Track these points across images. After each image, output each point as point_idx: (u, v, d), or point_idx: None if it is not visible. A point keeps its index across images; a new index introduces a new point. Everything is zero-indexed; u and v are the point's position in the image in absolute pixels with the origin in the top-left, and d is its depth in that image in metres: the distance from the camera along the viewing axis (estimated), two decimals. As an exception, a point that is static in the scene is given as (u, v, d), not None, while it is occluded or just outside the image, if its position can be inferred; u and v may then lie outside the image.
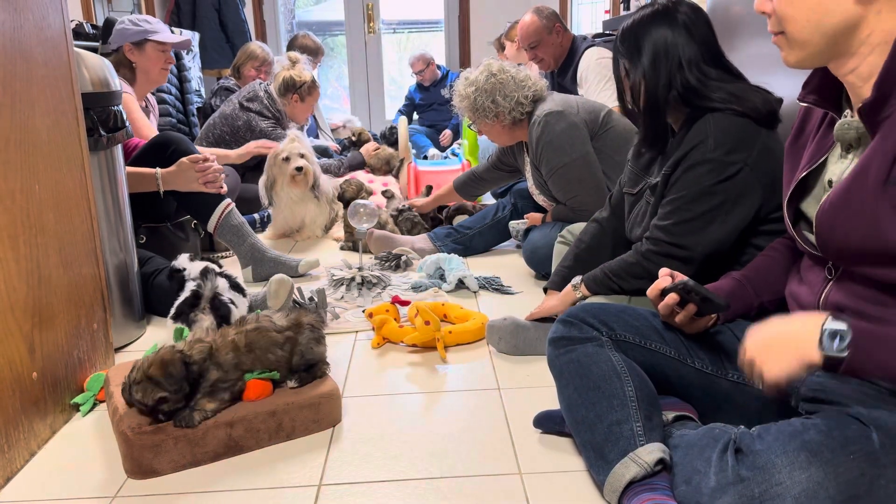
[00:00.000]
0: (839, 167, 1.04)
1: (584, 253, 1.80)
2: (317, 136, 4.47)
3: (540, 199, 2.56)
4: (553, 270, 1.96)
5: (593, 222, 1.82)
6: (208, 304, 1.76)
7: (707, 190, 1.42)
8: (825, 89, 1.07)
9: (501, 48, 4.72)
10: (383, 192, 3.23)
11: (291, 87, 3.40)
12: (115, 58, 2.80)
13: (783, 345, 0.96)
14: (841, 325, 0.92)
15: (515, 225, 2.57)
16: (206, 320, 1.72)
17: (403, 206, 3.04)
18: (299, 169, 2.93)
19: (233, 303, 1.81)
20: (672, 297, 1.22)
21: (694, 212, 1.44)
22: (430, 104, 5.62)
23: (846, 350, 0.91)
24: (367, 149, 3.90)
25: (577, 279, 1.67)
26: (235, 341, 1.40)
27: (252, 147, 3.22)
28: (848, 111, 1.04)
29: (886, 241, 0.93)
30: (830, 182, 1.05)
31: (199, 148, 2.48)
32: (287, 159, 2.95)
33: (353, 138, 4.28)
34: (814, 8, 0.97)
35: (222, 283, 1.83)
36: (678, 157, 1.46)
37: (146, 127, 2.70)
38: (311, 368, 1.47)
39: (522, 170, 2.67)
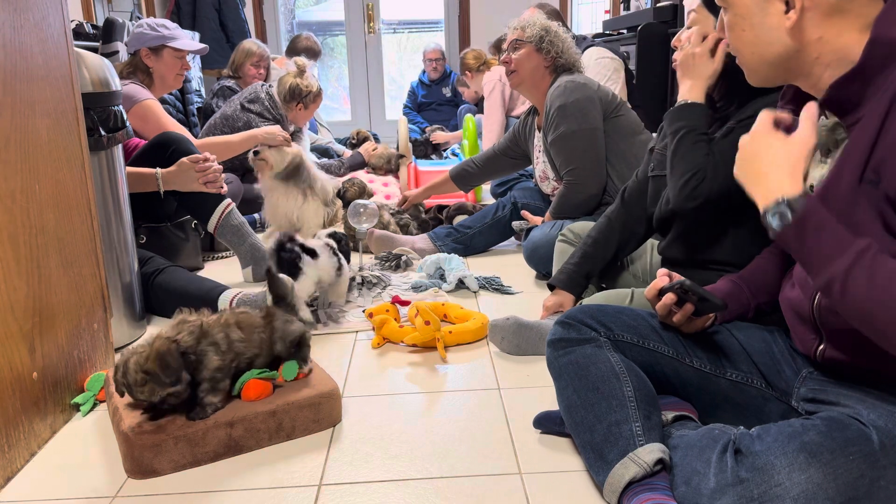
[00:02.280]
0: (818, 172, 1.05)
1: (591, 248, 1.81)
2: (315, 132, 4.47)
3: (549, 187, 2.57)
4: (557, 268, 1.97)
5: (604, 218, 1.83)
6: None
7: None
8: (800, 99, 1.08)
9: (497, 51, 4.73)
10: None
11: (297, 96, 3.39)
12: (131, 61, 2.82)
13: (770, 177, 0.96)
14: (786, 211, 0.91)
15: (519, 224, 2.58)
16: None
17: (392, 210, 3.05)
18: (256, 153, 2.95)
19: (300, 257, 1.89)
20: (669, 297, 1.22)
21: None
22: (430, 103, 5.62)
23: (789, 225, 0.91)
24: (366, 148, 3.91)
25: None
26: (224, 319, 1.40)
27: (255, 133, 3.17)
28: (823, 117, 1.05)
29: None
30: (812, 188, 1.05)
31: (197, 142, 2.47)
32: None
33: (353, 140, 4.29)
34: (753, 41, 1.03)
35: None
36: (750, 115, 1.43)
37: (177, 126, 2.71)
38: (300, 345, 1.48)
39: (531, 154, 2.68)
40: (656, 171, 1.69)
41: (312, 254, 1.92)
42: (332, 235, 2.09)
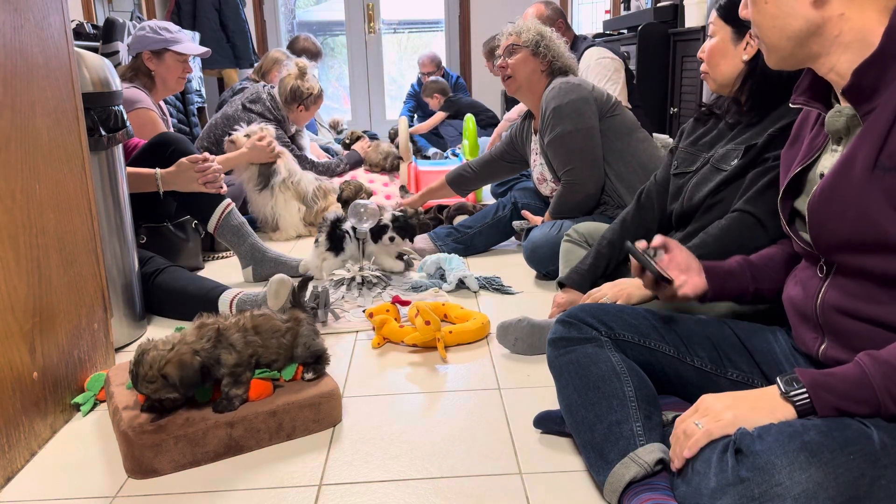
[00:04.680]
0: (830, 160, 1.06)
1: (605, 249, 1.83)
2: (315, 133, 4.48)
3: (547, 189, 2.58)
4: (563, 267, 1.97)
5: (618, 220, 1.84)
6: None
7: None
8: (814, 89, 1.08)
9: (491, 56, 4.74)
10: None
11: (298, 98, 3.39)
12: (133, 64, 2.81)
13: (750, 401, 0.99)
14: (792, 375, 0.97)
15: (520, 224, 2.58)
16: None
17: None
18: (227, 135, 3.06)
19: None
20: (635, 263, 1.26)
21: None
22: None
23: (805, 389, 0.94)
24: (362, 146, 3.92)
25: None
26: (242, 323, 1.41)
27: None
28: (836, 103, 1.05)
29: (876, 226, 0.94)
30: (822, 175, 1.06)
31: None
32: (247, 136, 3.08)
33: (347, 140, 4.30)
34: (776, 14, 1.02)
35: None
36: (791, 121, 1.43)
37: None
38: (320, 359, 1.49)
39: (528, 157, 2.68)
40: (679, 169, 1.71)
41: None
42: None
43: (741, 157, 1.52)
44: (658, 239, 1.28)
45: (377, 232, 2.37)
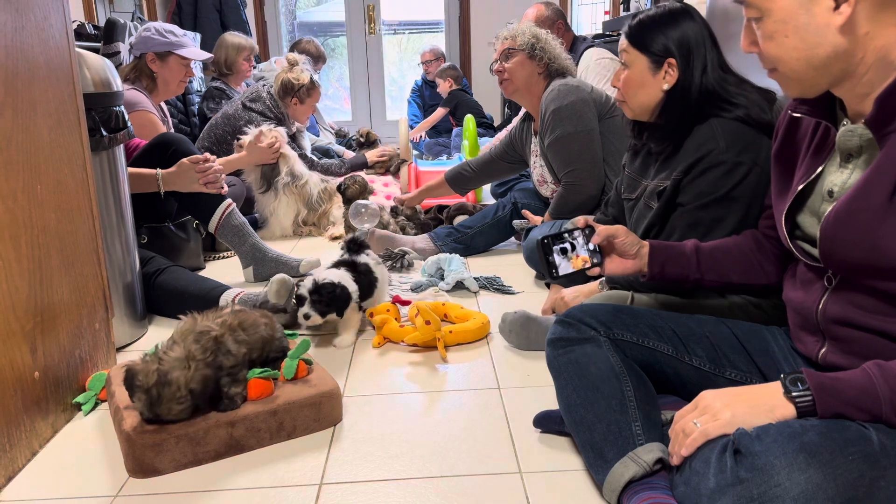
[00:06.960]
0: (839, 177, 1.04)
1: None
2: (317, 135, 4.47)
3: (547, 190, 2.58)
4: None
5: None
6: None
7: (724, 195, 1.43)
8: (818, 100, 1.06)
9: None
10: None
11: (290, 90, 3.39)
12: (136, 65, 2.82)
13: (750, 399, 0.99)
14: (797, 374, 0.97)
15: (521, 223, 2.59)
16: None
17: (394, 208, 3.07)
18: (237, 138, 3.11)
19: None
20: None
21: (705, 218, 1.45)
22: (434, 105, 5.62)
23: (809, 391, 0.94)
24: (372, 155, 3.92)
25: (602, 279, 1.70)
26: (229, 323, 1.42)
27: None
28: (846, 120, 1.04)
29: (891, 255, 0.93)
30: (831, 192, 1.04)
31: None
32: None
33: (361, 139, 4.29)
34: (798, 46, 0.98)
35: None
36: (690, 163, 1.46)
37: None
38: (285, 355, 1.53)
39: (528, 159, 2.69)
40: (625, 195, 1.73)
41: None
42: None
43: (657, 200, 1.54)
44: (580, 220, 1.32)
45: (298, 299, 1.83)
